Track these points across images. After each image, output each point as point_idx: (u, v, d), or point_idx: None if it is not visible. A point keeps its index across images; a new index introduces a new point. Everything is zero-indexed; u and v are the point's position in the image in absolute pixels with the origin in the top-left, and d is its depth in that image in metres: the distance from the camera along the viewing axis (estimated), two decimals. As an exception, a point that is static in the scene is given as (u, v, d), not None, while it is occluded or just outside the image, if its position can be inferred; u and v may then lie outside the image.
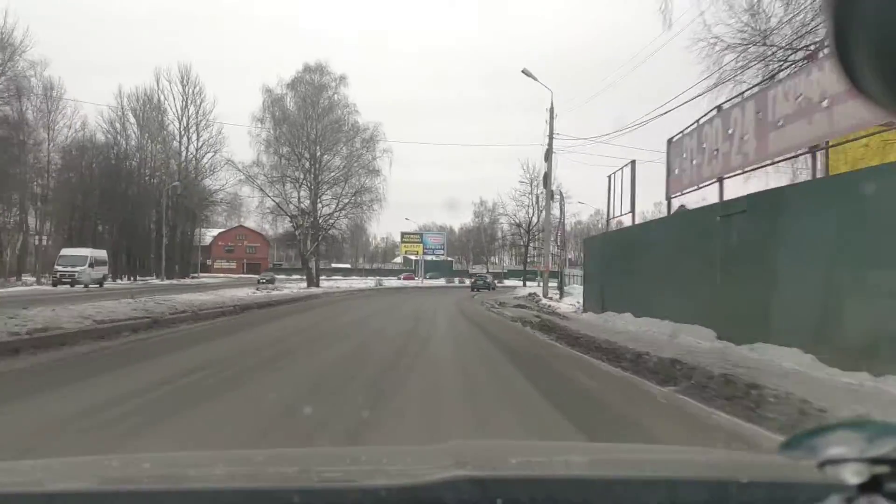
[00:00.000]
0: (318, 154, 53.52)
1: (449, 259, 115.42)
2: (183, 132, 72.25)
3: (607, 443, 4.75)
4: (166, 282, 61.09)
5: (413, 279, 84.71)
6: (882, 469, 0.96)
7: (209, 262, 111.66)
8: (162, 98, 72.00)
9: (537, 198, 50.60)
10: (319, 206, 54.66)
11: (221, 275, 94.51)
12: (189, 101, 71.71)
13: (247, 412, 6.51)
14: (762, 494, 1.11)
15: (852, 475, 0.97)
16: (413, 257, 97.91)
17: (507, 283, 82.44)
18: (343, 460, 1.67)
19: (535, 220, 49.23)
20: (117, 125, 69.93)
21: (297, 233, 50.75)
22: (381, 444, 4.76)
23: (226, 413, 6.50)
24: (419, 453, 1.65)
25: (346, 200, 54.20)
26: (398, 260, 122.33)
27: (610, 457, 1.86)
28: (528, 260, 54.96)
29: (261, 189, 49.35)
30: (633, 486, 1.17)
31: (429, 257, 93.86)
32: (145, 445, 4.80)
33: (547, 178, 32.31)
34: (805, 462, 1.06)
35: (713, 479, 1.22)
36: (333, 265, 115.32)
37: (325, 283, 60.32)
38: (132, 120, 71.53)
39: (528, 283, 60.20)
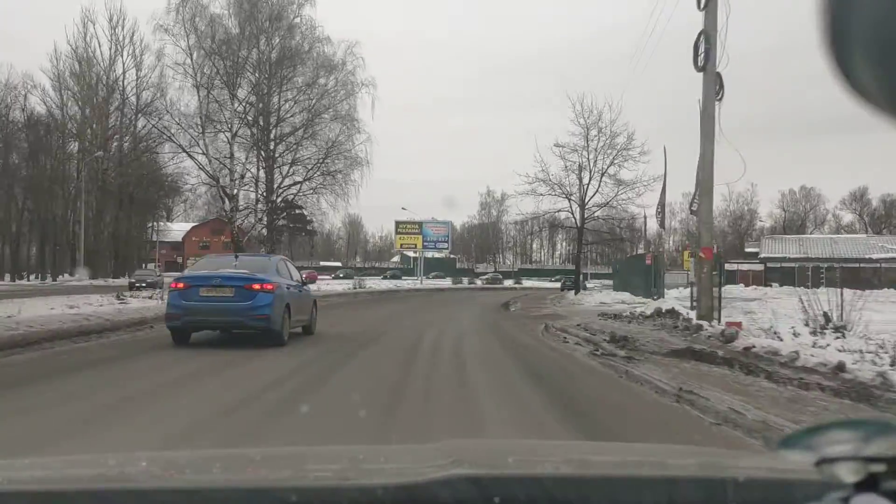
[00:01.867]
0: (270, 96, 34.67)
1: (452, 256, 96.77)
2: (111, 89, 52.94)
3: (605, 441, 4.49)
4: (54, 283, 43.36)
5: (316, 278, 62.84)
6: (878, 467, 0.93)
7: (179, 258, 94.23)
8: (89, 51, 52.98)
9: (579, 167, 31.15)
10: (277, 174, 35.89)
11: None
12: (122, 50, 52.48)
13: None
14: (759, 492, 1.06)
15: (849, 473, 0.93)
16: (412, 254, 78.80)
17: (528, 283, 63.43)
18: (340, 459, 1.48)
19: (592, 186, 30.21)
20: (53, 94, 51.80)
21: (226, 209, 31.70)
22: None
23: None
24: (416, 452, 1.58)
25: (312, 164, 35.36)
26: (396, 259, 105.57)
27: (608, 455, 1.73)
28: (583, 249, 35.00)
29: (168, 136, 30.39)
30: (631, 485, 1.11)
31: (429, 253, 74.56)
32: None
33: (705, 40, 13.49)
34: (802, 460, 1.04)
35: (711, 477, 1.18)
36: (322, 263, 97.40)
37: None
38: (72, 86, 53.02)
39: (583, 285, 40.43)
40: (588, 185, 30.97)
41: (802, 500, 0.94)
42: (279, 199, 37.12)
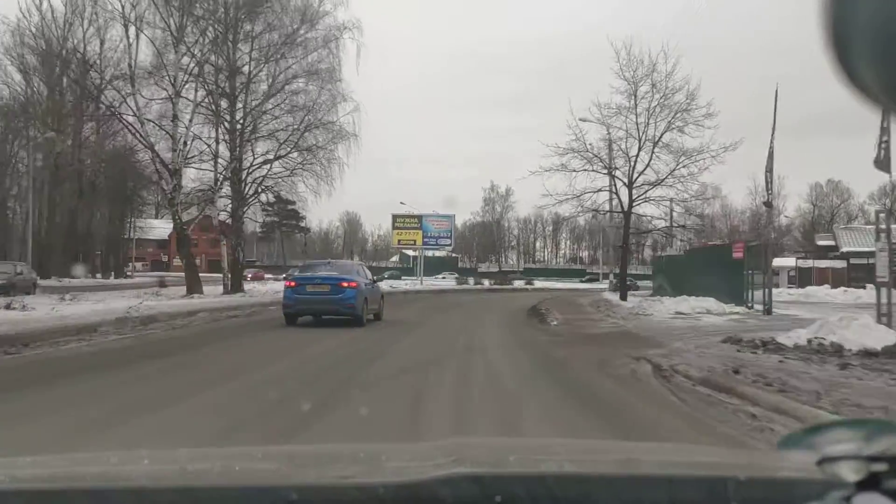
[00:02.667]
0: (235, 54, 27.06)
1: (454, 255, 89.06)
2: (67, 61, 44.92)
3: (606, 440, 4.33)
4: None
5: (263, 277, 53.84)
6: (880, 467, 0.91)
7: (165, 257, 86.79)
8: (44, 19, 45.27)
9: (605, 144, 23.41)
10: (248, 148, 28.32)
11: (176, 274, 66.94)
12: (81, 16, 44.46)
13: None
14: (761, 491, 1.02)
15: (850, 472, 0.92)
16: (411, 253, 71.10)
17: (540, 284, 55.71)
18: (341, 457, 1.43)
19: (642, 160, 22.38)
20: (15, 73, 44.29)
21: (166, 188, 23.81)
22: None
23: None
24: (418, 450, 1.47)
25: (285, 137, 27.81)
26: (395, 259, 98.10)
27: (609, 454, 1.61)
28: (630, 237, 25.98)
29: (79, 86, 22.71)
30: (632, 483, 1.08)
31: (430, 252, 66.84)
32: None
33: None
34: (803, 459, 1.01)
35: (712, 476, 1.12)
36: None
37: (254, 287, 34.68)
38: (23, 56, 45.35)
39: (635, 285, 31.54)
40: (636, 157, 23.19)
41: (804, 499, 0.93)
42: (250, 181, 29.49)
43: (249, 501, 1.01)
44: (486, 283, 49.88)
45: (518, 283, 54.63)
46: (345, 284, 13.85)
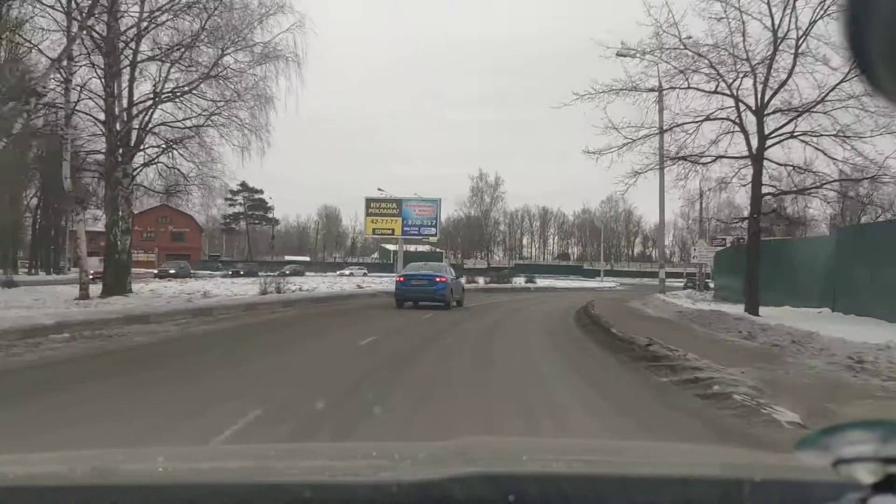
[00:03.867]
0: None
1: (439, 251, 78.86)
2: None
3: (621, 440, 4.09)
4: None
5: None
6: None
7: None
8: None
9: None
10: (138, 80, 18.22)
11: (144, 270, 54.87)
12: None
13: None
14: (776, 493, 1.01)
15: (867, 474, 0.89)
16: (392, 247, 60.70)
17: (542, 283, 45.55)
18: (355, 455, 1.47)
19: (776, 75, 12.64)
20: None
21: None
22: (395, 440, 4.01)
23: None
24: (431, 449, 1.45)
25: (179, 56, 17.44)
26: (375, 255, 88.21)
27: (624, 454, 1.63)
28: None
29: None
30: (647, 484, 1.07)
31: (413, 245, 56.40)
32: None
33: None
34: (819, 461, 0.98)
35: (727, 477, 1.12)
36: (288, 258, 79.26)
37: (165, 286, 24.53)
38: None
39: (703, 285, 20.62)
40: (770, 64, 12.97)
41: (819, 501, 0.91)
42: (137, 126, 19.02)
43: (264, 499, 0.98)
44: (481, 281, 39.68)
45: (518, 282, 44.41)
46: (438, 279, 19.09)
